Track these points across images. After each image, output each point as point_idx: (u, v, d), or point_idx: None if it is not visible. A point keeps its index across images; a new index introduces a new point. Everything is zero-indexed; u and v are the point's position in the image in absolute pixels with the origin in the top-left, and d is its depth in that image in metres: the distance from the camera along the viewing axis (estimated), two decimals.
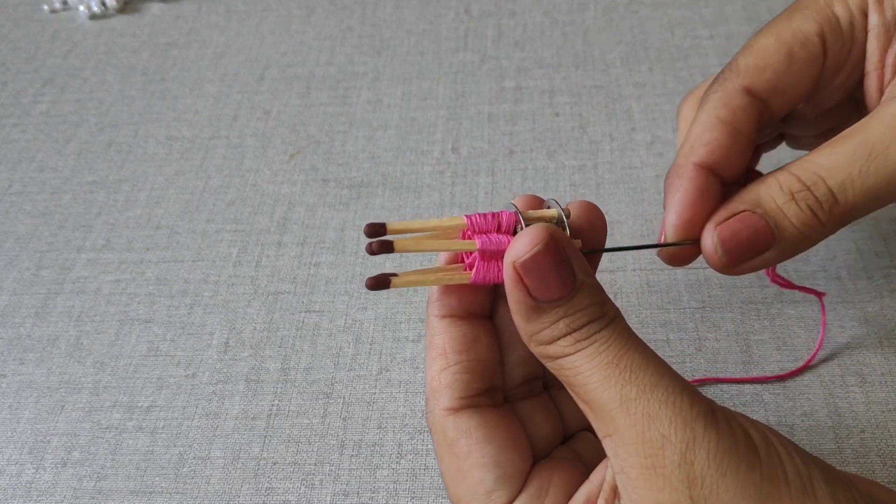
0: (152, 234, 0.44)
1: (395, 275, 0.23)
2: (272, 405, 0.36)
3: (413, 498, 0.32)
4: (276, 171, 0.47)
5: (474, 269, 0.24)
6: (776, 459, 0.21)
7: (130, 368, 0.38)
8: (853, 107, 0.29)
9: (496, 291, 0.26)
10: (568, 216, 0.24)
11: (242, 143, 0.49)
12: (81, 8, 0.61)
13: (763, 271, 0.30)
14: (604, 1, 0.56)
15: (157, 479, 0.34)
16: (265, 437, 0.35)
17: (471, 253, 0.24)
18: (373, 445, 0.34)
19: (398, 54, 0.54)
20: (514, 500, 0.24)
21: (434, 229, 0.24)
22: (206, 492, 0.34)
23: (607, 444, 0.22)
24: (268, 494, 0.33)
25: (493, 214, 0.24)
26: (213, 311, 0.40)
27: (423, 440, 0.34)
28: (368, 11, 0.58)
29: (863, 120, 0.24)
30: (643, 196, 0.43)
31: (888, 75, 0.26)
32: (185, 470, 0.34)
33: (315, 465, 0.34)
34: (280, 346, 0.38)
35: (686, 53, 0.51)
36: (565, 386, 0.24)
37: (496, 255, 0.23)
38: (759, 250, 0.25)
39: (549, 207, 0.25)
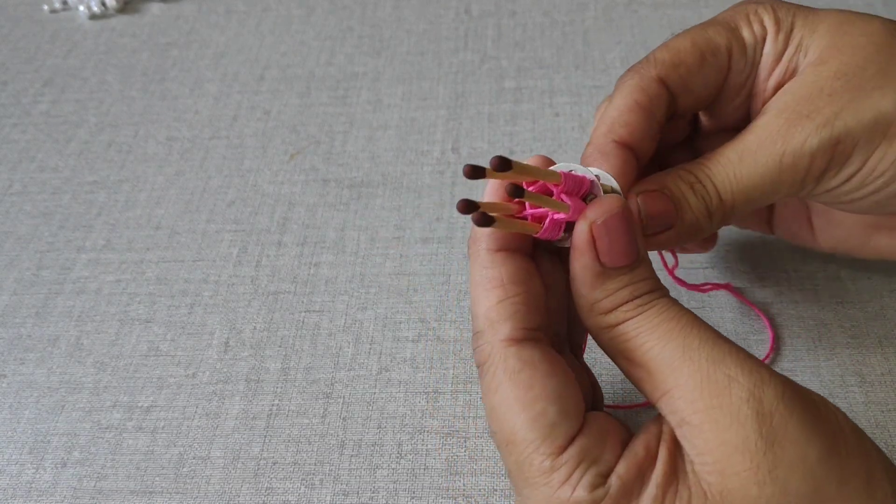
0: (152, 234, 0.44)
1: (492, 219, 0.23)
2: (272, 405, 0.36)
3: (413, 498, 0.32)
4: (276, 171, 0.47)
5: (546, 224, 0.24)
6: (833, 415, 0.22)
7: (130, 368, 0.38)
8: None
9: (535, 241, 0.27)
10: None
11: (242, 143, 0.49)
12: (81, 8, 0.61)
13: (666, 272, 0.31)
14: (604, 1, 0.56)
15: (157, 479, 0.34)
16: (265, 437, 0.35)
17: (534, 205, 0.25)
18: (373, 445, 0.34)
19: (398, 54, 0.54)
20: (575, 437, 0.23)
21: (533, 176, 0.24)
22: (206, 492, 0.34)
23: (664, 403, 0.23)
24: (268, 494, 0.33)
25: (580, 178, 0.25)
26: (214, 311, 0.40)
27: (422, 440, 0.34)
28: (368, 11, 0.58)
29: (742, 131, 0.27)
30: None
31: (768, 95, 0.29)
32: (185, 470, 0.34)
33: (315, 465, 0.34)
34: (280, 346, 0.38)
35: None
36: (615, 357, 0.24)
37: (570, 219, 0.25)
38: (665, 226, 0.27)
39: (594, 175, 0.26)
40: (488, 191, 0.26)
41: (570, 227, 0.25)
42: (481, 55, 0.53)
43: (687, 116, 0.32)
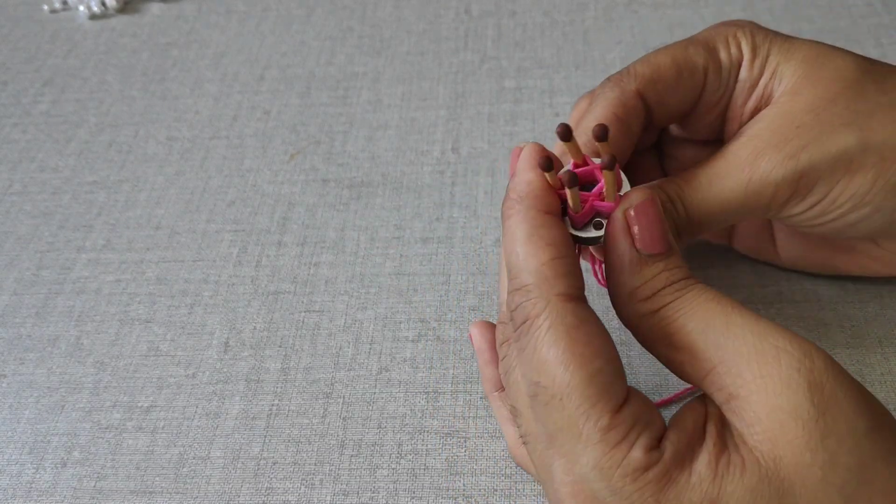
0: (152, 234, 0.44)
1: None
2: (272, 405, 0.36)
3: (413, 498, 0.32)
4: (276, 171, 0.47)
5: (586, 206, 0.26)
6: (873, 394, 0.23)
7: (130, 368, 0.38)
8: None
9: None
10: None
11: (242, 143, 0.49)
12: (81, 8, 0.61)
13: (592, 274, 0.31)
14: (604, 1, 0.56)
15: (157, 479, 0.34)
16: (265, 437, 0.35)
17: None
18: (373, 445, 0.34)
19: (398, 54, 0.54)
20: (626, 399, 0.23)
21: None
22: (206, 492, 0.34)
23: (710, 382, 0.23)
24: (268, 494, 0.33)
25: (621, 176, 0.27)
26: (214, 311, 0.40)
27: (422, 440, 0.34)
28: (368, 11, 0.58)
29: (714, 155, 0.29)
30: None
31: (745, 119, 0.30)
32: (185, 470, 0.34)
33: (315, 465, 0.34)
34: (280, 346, 0.38)
35: None
36: (656, 345, 0.25)
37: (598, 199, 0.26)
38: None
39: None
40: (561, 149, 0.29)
41: (588, 222, 0.27)
42: (481, 55, 0.53)
43: (659, 127, 0.33)
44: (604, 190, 0.26)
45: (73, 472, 0.35)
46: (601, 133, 0.24)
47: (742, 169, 0.28)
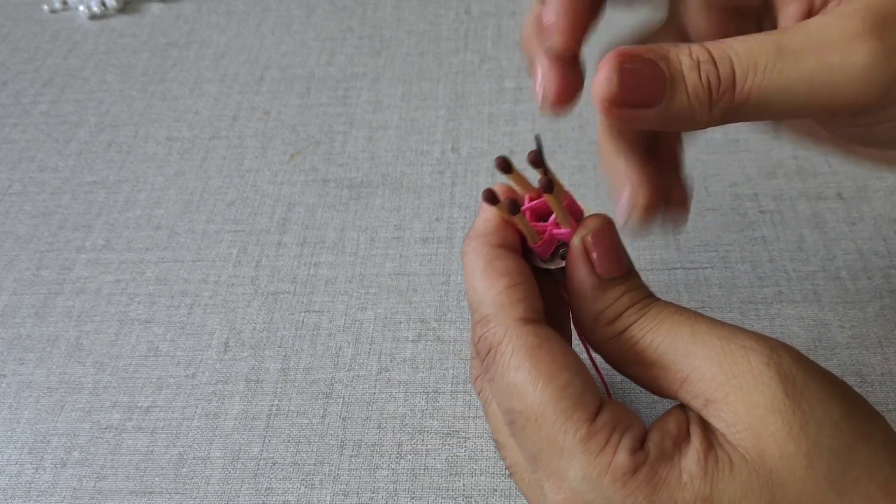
0: (152, 235, 0.44)
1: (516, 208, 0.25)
2: (272, 405, 0.36)
3: (413, 498, 0.32)
4: (276, 171, 0.47)
5: (545, 236, 0.26)
6: (841, 380, 0.23)
7: (130, 368, 0.38)
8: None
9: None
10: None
11: (242, 143, 0.49)
12: (81, 8, 0.61)
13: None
14: None
15: (156, 479, 0.34)
16: (265, 437, 0.35)
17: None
18: (373, 445, 0.34)
19: (398, 55, 0.54)
20: (601, 406, 0.23)
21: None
22: (205, 492, 0.34)
23: (685, 391, 0.23)
24: (268, 494, 0.33)
25: (576, 204, 0.27)
26: (213, 311, 0.40)
27: (422, 440, 0.34)
28: (368, 12, 0.58)
29: (788, 26, 0.23)
30: None
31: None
32: (184, 470, 0.34)
33: (315, 465, 0.34)
34: (280, 346, 0.38)
35: None
36: (626, 366, 0.25)
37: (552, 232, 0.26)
38: (647, 100, 0.23)
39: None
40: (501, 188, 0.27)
41: (556, 251, 0.27)
42: (481, 55, 0.53)
43: None
44: (555, 216, 0.26)
45: (72, 473, 0.35)
46: (534, 159, 0.24)
47: (831, 49, 0.21)
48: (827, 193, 0.42)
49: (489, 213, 0.26)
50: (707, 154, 0.45)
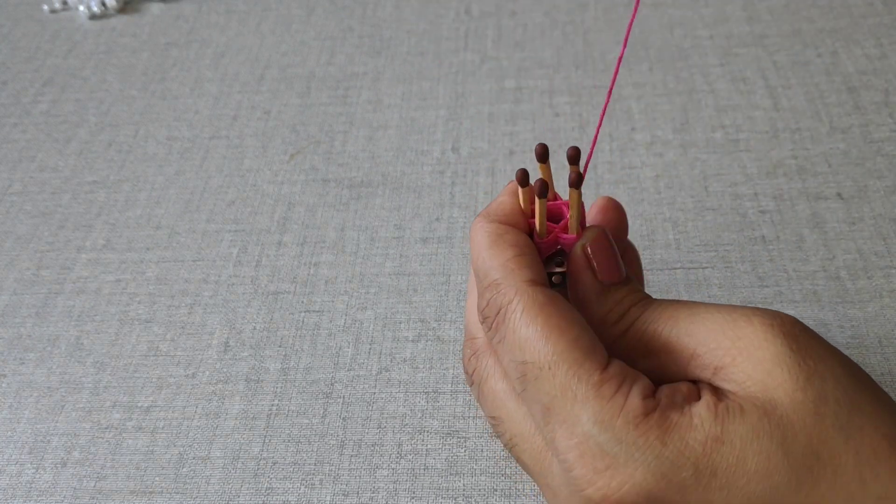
0: (152, 234, 0.44)
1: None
2: (272, 405, 0.36)
3: (413, 498, 0.32)
4: (276, 171, 0.47)
5: (551, 235, 0.27)
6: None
7: (130, 368, 0.38)
8: None
9: None
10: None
11: (242, 143, 0.49)
12: (81, 8, 0.61)
13: None
14: (604, 1, 0.56)
15: (157, 479, 0.34)
16: (265, 437, 0.35)
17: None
18: (373, 445, 0.34)
19: (398, 54, 0.54)
20: (611, 361, 0.24)
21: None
22: (206, 492, 0.34)
23: (694, 367, 0.24)
24: (268, 494, 0.33)
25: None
26: (213, 310, 0.40)
27: (422, 440, 0.34)
28: (368, 11, 0.58)
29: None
30: (643, 196, 0.43)
31: None
32: (185, 470, 0.34)
33: (315, 465, 0.34)
34: (280, 346, 0.38)
35: (686, 53, 0.51)
36: (636, 360, 0.25)
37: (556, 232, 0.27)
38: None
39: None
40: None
41: (553, 257, 0.28)
42: (481, 55, 0.53)
43: None
44: (568, 221, 0.27)
45: (73, 472, 0.35)
46: (573, 155, 0.25)
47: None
48: (827, 193, 0.42)
49: (505, 198, 0.28)
50: (707, 154, 0.45)
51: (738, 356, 0.23)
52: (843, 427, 0.22)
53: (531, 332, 0.24)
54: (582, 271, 0.26)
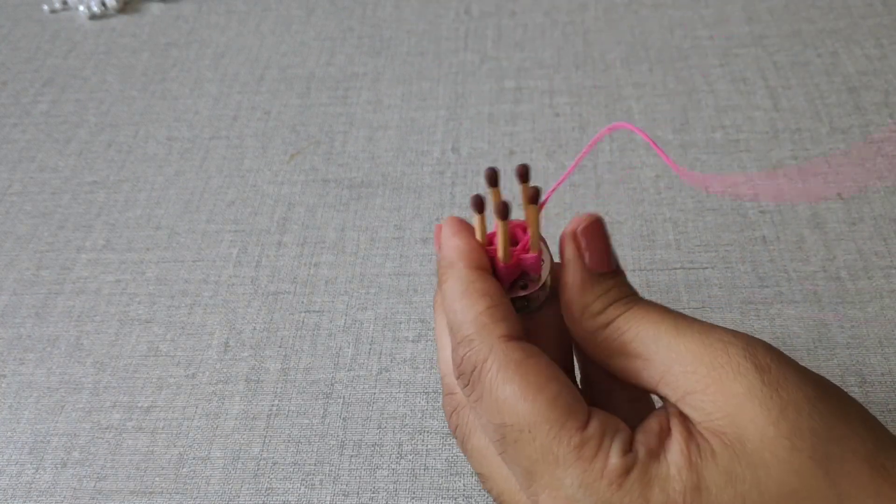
0: (152, 235, 0.44)
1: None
2: (272, 405, 0.36)
3: (413, 498, 0.32)
4: (276, 171, 0.47)
5: (513, 259, 0.27)
6: (809, 370, 0.24)
7: (130, 368, 0.38)
8: None
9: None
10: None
11: (242, 143, 0.49)
12: (81, 8, 0.61)
13: None
14: (604, 1, 0.56)
15: (157, 479, 0.34)
16: (265, 437, 0.35)
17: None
18: (373, 445, 0.34)
19: (398, 55, 0.54)
20: (590, 415, 0.23)
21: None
22: (206, 492, 0.34)
23: (665, 383, 0.24)
24: (268, 494, 0.33)
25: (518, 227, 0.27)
26: (213, 311, 0.40)
27: (422, 440, 0.34)
28: (368, 11, 0.58)
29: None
30: (643, 196, 0.43)
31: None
32: (185, 470, 0.34)
33: (315, 465, 0.34)
34: (280, 346, 0.38)
35: (686, 54, 0.51)
36: (610, 358, 0.25)
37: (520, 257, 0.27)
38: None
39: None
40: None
41: (516, 282, 0.27)
42: (481, 55, 0.53)
43: None
44: (529, 240, 0.26)
45: (72, 473, 0.35)
46: (523, 172, 0.25)
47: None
48: (827, 193, 0.42)
49: (458, 240, 0.27)
50: (707, 154, 0.45)
51: (712, 385, 0.23)
52: (822, 460, 0.21)
53: (508, 392, 0.23)
54: (572, 258, 0.26)
